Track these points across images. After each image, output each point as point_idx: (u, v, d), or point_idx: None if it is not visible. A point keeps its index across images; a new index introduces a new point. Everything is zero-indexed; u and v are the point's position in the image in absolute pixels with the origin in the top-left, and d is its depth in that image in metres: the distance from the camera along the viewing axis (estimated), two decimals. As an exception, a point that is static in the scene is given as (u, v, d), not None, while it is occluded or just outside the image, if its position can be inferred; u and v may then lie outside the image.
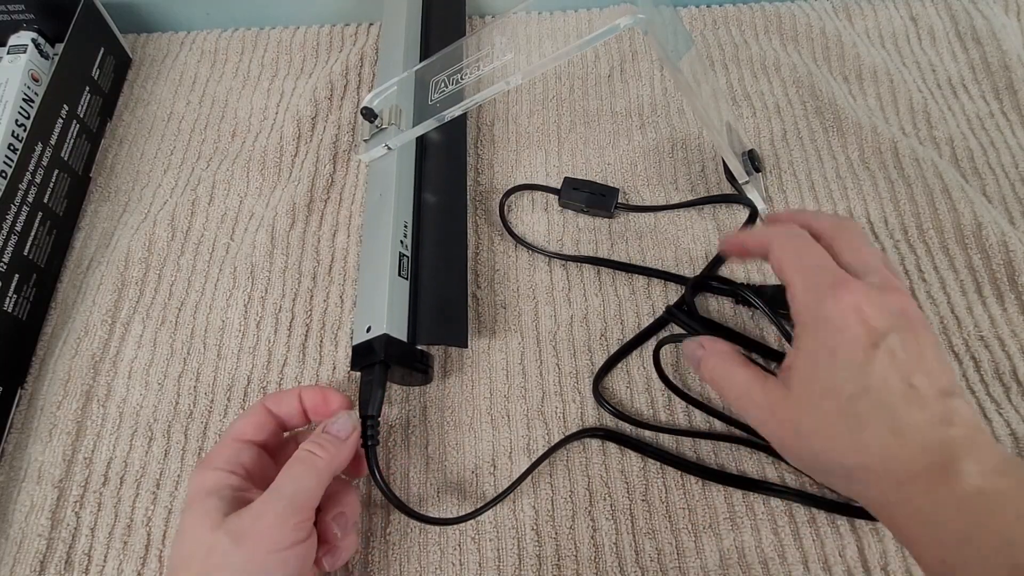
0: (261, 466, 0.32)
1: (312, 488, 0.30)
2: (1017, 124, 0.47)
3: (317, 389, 0.34)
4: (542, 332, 0.41)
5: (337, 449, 0.31)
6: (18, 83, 0.48)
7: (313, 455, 0.30)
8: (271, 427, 0.34)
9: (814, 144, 0.48)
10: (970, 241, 0.42)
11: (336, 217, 0.46)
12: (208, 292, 0.44)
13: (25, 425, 0.40)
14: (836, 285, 0.26)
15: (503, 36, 0.38)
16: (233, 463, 0.31)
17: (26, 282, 0.42)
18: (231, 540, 0.28)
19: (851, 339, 0.26)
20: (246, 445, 0.32)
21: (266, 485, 0.30)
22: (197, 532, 0.29)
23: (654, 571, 0.34)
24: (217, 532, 0.28)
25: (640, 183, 0.46)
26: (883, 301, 0.26)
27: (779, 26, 0.53)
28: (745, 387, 0.29)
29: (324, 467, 0.30)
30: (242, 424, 0.33)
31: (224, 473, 0.31)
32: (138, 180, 0.50)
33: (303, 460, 0.30)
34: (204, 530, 0.28)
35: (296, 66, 0.54)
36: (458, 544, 0.35)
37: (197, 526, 0.29)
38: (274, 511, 0.28)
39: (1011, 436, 0.36)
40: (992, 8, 0.53)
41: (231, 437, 0.32)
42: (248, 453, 0.32)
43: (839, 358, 0.26)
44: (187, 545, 0.29)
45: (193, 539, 0.29)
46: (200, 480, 0.31)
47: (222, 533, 0.28)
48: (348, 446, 0.32)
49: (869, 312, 0.26)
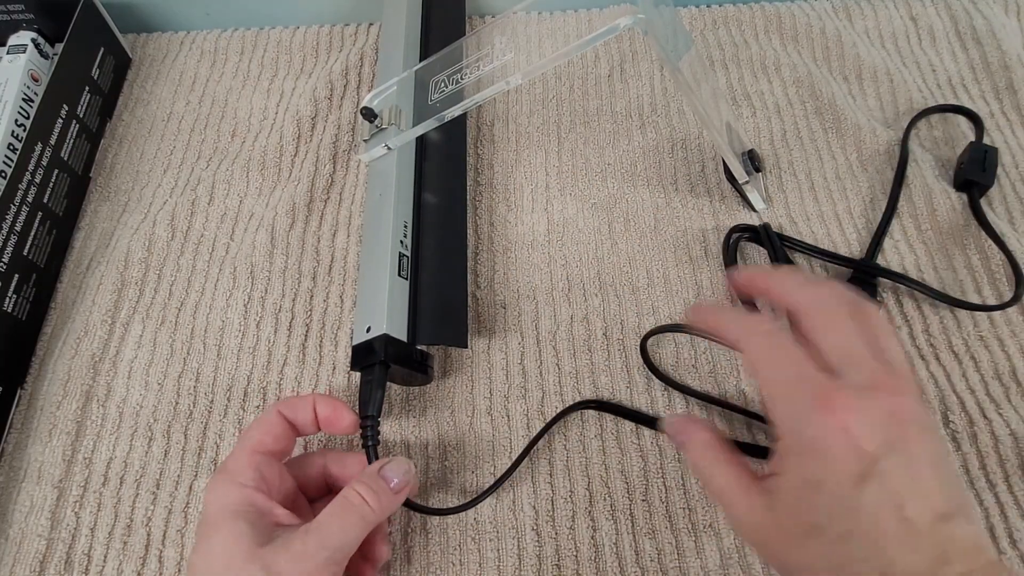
0: (279, 477, 0.32)
1: (357, 539, 0.29)
2: (1017, 124, 0.47)
3: (330, 402, 0.33)
4: (542, 332, 0.41)
5: (390, 502, 0.30)
6: (18, 83, 0.48)
7: (366, 505, 0.29)
8: (283, 434, 0.33)
9: (814, 144, 0.48)
10: (969, 242, 0.42)
11: (336, 217, 0.46)
12: (208, 292, 0.44)
13: (25, 425, 0.40)
14: (818, 403, 0.24)
15: (503, 36, 0.38)
16: (258, 479, 0.30)
17: (26, 282, 0.42)
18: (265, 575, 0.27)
19: (839, 470, 0.23)
20: (266, 457, 0.31)
21: (282, 496, 0.30)
22: (228, 557, 0.28)
23: (654, 571, 0.34)
24: (251, 565, 0.27)
25: (640, 183, 0.46)
26: (872, 413, 0.23)
27: (779, 26, 0.53)
28: (728, 492, 0.26)
29: (372, 520, 0.29)
30: (261, 434, 0.32)
31: (250, 491, 0.30)
32: (138, 180, 0.49)
33: (357, 509, 0.29)
34: (236, 557, 0.27)
35: (296, 66, 0.54)
36: (458, 544, 0.35)
37: (230, 549, 0.28)
38: (315, 560, 0.27)
39: (1011, 436, 0.36)
40: (992, 8, 0.53)
41: (252, 449, 0.31)
42: (269, 466, 0.31)
43: (826, 492, 0.23)
44: (217, 564, 0.28)
45: (223, 562, 0.28)
46: (224, 495, 0.30)
47: (257, 568, 0.27)
48: (399, 500, 0.31)
49: (858, 431, 0.23)
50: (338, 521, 0.29)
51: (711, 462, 0.27)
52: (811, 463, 0.24)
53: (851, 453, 0.23)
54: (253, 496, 0.29)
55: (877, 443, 0.23)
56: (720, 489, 0.26)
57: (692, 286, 0.42)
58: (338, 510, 0.29)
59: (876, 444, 0.23)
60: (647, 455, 0.37)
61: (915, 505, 0.23)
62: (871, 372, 0.24)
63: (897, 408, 0.24)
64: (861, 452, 0.23)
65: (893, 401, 0.24)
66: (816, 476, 0.23)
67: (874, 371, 0.24)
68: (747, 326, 0.27)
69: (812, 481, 0.24)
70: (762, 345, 0.26)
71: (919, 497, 0.23)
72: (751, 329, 0.27)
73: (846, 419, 0.23)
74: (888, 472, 0.23)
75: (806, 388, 0.24)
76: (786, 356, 0.26)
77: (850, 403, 0.23)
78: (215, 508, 0.29)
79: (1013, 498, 0.35)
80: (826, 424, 0.23)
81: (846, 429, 0.23)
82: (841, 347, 0.25)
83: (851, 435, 0.23)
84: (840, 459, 0.23)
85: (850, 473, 0.23)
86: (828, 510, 0.23)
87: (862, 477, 0.23)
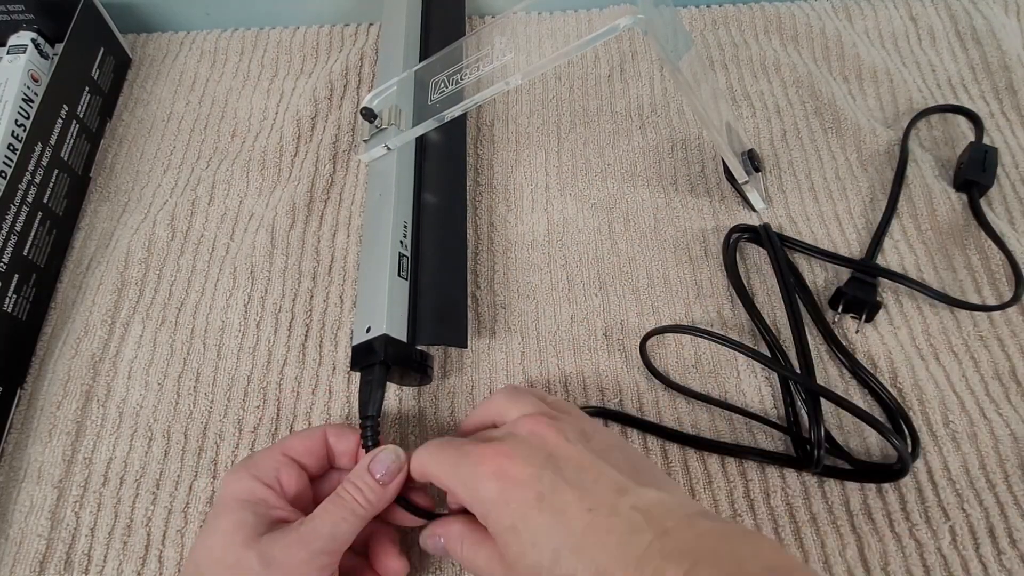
0: (300, 487, 0.32)
1: (348, 533, 0.30)
2: (1017, 124, 0.47)
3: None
4: (542, 332, 0.41)
5: (378, 498, 0.31)
6: (18, 83, 0.48)
7: (355, 501, 0.30)
8: (321, 454, 0.33)
9: (814, 144, 0.48)
10: (969, 242, 0.42)
11: (336, 217, 0.46)
12: (208, 292, 0.44)
13: (25, 425, 0.40)
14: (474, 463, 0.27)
15: (503, 36, 0.38)
16: (272, 477, 0.31)
17: (26, 282, 0.42)
18: (261, 564, 0.28)
19: (518, 508, 0.26)
20: (290, 462, 0.32)
21: (300, 508, 0.30)
22: (227, 542, 0.29)
23: (654, 571, 0.34)
24: (249, 551, 0.28)
25: (640, 183, 0.46)
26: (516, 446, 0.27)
27: (779, 26, 0.53)
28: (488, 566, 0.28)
29: (363, 515, 0.30)
30: (294, 441, 0.33)
31: (261, 485, 0.31)
32: (138, 180, 0.49)
33: (345, 504, 0.30)
34: (235, 543, 0.28)
35: (296, 66, 0.54)
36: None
37: (229, 535, 0.29)
38: (308, 548, 0.29)
39: (1011, 436, 0.36)
40: (992, 8, 0.53)
41: (279, 450, 0.32)
42: (290, 471, 0.32)
43: (521, 533, 0.25)
44: (215, 551, 0.29)
45: (221, 547, 0.29)
46: (236, 484, 0.31)
47: (254, 554, 0.28)
48: (389, 493, 0.31)
49: (512, 465, 0.26)
50: (330, 515, 0.30)
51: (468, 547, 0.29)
52: (499, 516, 0.26)
53: (517, 488, 0.26)
54: (264, 492, 0.31)
55: (533, 465, 0.26)
56: (481, 568, 0.28)
57: (692, 286, 0.42)
58: (330, 505, 0.30)
59: (532, 466, 0.26)
60: (647, 455, 0.37)
61: (590, 495, 0.25)
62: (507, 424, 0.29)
63: (536, 430, 0.28)
64: (523, 481, 0.26)
65: (530, 427, 0.28)
66: (507, 523, 0.26)
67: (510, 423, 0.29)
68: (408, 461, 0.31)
69: (508, 528, 0.26)
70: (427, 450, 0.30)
71: (590, 487, 0.26)
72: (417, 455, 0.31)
73: (498, 462, 0.27)
74: (553, 482, 0.26)
75: (465, 459, 0.28)
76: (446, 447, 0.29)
77: (494, 449, 0.27)
78: (226, 494, 0.31)
79: (1013, 498, 0.35)
80: (486, 476, 0.27)
81: (502, 470, 0.26)
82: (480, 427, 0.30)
83: (508, 472, 0.26)
84: (514, 497, 0.26)
85: (528, 502, 0.25)
86: (533, 545, 0.25)
87: (539, 499, 0.25)
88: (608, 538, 0.24)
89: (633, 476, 0.27)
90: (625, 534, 0.24)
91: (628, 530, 0.24)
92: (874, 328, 0.40)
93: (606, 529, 0.25)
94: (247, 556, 0.28)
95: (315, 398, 0.40)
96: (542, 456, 0.27)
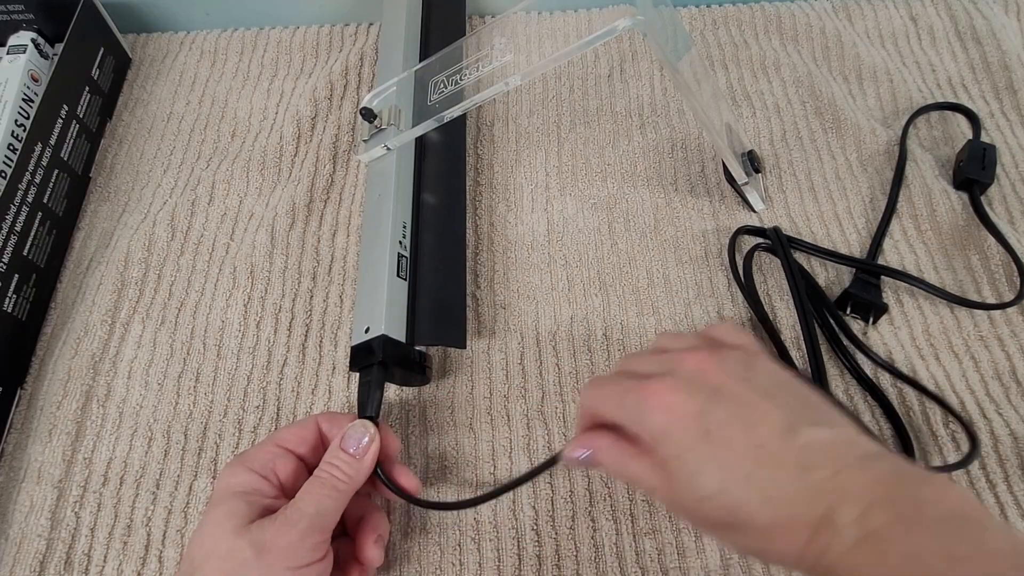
0: (296, 478, 0.32)
1: (333, 509, 0.30)
2: (1017, 124, 0.47)
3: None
4: (542, 332, 0.41)
5: (355, 471, 0.31)
6: (18, 83, 0.48)
7: (334, 477, 0.31)
8: (315, 443, 0.34)
9: (814, 144, 0.48)
10: (969, 242, 0.42)
11: (336, 217, 0.46)
12: (208, 292, 0.44)
13: (25, 425, 0.40)
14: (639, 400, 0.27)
15: (503, 36, 0.38)
16: (267, 468, 0.31)
17: (26, 282, 0.42)
18: (253, 551, 0.28)
19: (685, 439, 0.26)
20: (285, 453, 0.32)
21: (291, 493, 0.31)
22: (219, 531, 0.29)
23: (654, 571, 0.34)
24: (240, 539, 0.28)
25: (640, 183, 0.46)
26: (679, 383, 0.26)
27: (779, 26, 0.53)
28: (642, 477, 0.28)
29: (345, 488, 0.31)
30: (287, 432, 0.33)
31: (256, 476, 0.31)
32: (138, 180, 0.50)
33: (324, 481, 0.30)
34: (226, 532, 0.29)
35: (296, 66, 0.54)
36: (458, 544, 0.35)
37: (220, 525, 0.29)
38: (296, 528, 0.29)
39: (1011, 436, 0.36)
40: (992, 8, 0.53)
41: (273, 442, 0.33)
42: (285, 462, 0.32)
43: (688, 462, 0.25)
44: (208, 541, 0.29)
45: (214, 537, 0.29)
46: (231, 477, 0.31)
47: (245, 542, 0.28)
48: (366, 464, 0.32)
49: (679, 400, 0.26)
50: (312, 495, 0.30)
51: (626, 460, 0.28)
52: (666, 446, 0.26)
53: (684, 420, 0.26)
54: (258, 482, 0.31)
55: (699, 401, 0.26)
56: (640, 481, 0.28)
57: (692, 286, 0.42)
58: (311, 486, 0.30)
59: (698, 402, 0.26)
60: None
61: (759, 431, 0.25)
62: (670, 359, 0.28)
63: (700, 367, 0.27)
64: (690, 414, 0.26)
65: (694, 363, 0.27)
66: (674, 453, 0.26)
67: (672, 358, 0.28)
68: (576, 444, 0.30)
69: (675, 457, 0.26)
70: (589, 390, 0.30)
71: (758, 424, 0.25)
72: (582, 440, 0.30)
73: (665, 397, 0.26)
74: (721, 418, 0.25)
75: (631, 394, 0.28)
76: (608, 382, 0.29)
77: (660, 385, 0.27)
78: (220, 487, 0.31)
79: (1013, 498, 0.35)
80: (654, 410, 0.26)
81: (669, 404, 0.26)
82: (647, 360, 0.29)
83: (675, 407, 0.26)
84: (680, 430, 0.26)
85: (695, 435, 0.25)
86: (699, 473, 0.25)
87: (706, 433, 0.25)
88: (778, 472, 0.24)
89: (803, 414, 0.26)
90: (796, 470, 0.24)
91: (799, 466, 0.24)
92: (875, 328, 0.40)
93: (776, 464, 0.24)
94: (238, 544, 0.28)
95: (315, 398, 0.40)
96: (707, 391, 0.26)
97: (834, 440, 0.25)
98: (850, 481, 0.23)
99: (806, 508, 0.23)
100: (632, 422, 0.27)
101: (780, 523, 0.24)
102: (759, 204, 0.44)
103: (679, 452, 0.26)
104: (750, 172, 0.42)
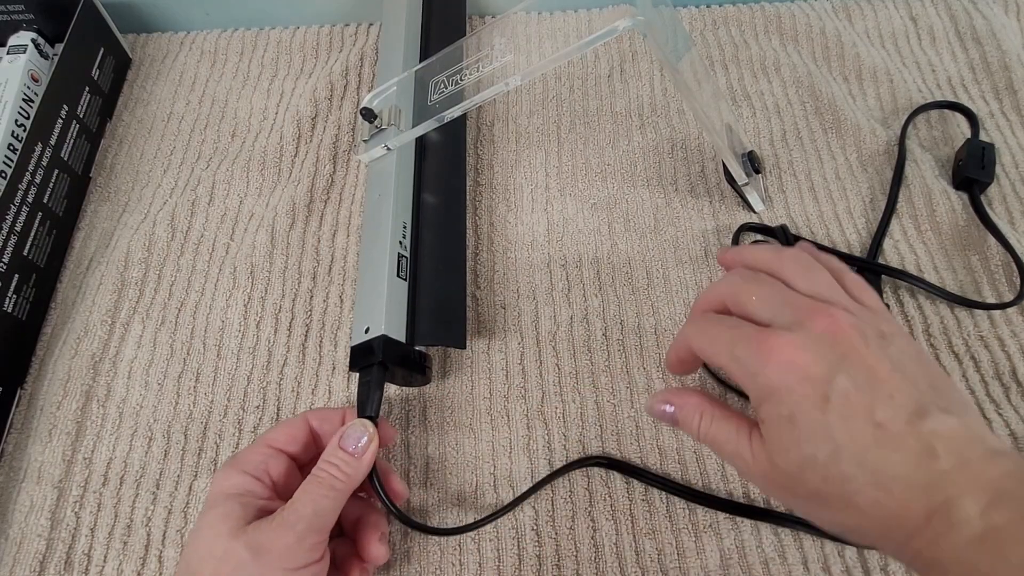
0: (289, 477, 0.32)
1: (331, 509, 0.30)
2: (1017, 124, 0.47)
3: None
4: (542, 332, 0.41)
5: (354, 470, 0.31)
6: (18, 83, 0.48)
7: (332, 477, 0.30)
8: (306, 441, 0.34)
9: (814, 144, 0.48)
10: (968, 242, 0.42)
11: (336, 217, 0.46)
12: (208, 292, 0.44)
13: (25, 425, 0.40)
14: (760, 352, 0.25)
15: (503, 37, 0.38)
16: (260, 470, 0.31)
17: (26, 282, 0.42)
18: (249, 552, 0.28)
19: (801, 401, 0.24)
20: (277, 453, 0.32)
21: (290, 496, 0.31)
22: (214, 534, 0.29)
23: (654, 571, 0.34)
24: (236, 541, 0.28)
25: (640, 183, 0.46)
26: (808, 341, 0.25)
27: (779, 26, 0.53)
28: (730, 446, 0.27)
29: (343, 488, 0.30)
30: (276, 432, 0.33)
31: (249, 478, 0.31)
32: (138, 180, 0.50)
33: (322, 481, 0.30)
34: (222, 535, 0.29)
35: (296, 66, 0.54)
36: (458, 544, 0.35)
37: (215, 528, 0.29)
38: (294, 530, 0.29)
39: (1011, 436, 0.36)
40: (992, 8, 0.53)
41: (266, 443, 0.33)
42: (277, 462, 0.32)
43: (799, 425, 0.24)
44: (203, 545, 0.29)
45: (209, 541, 0.29)
46: (224, 480, 0.31)
47: (241, 544, 0.28)
48: (364, 464, 0.31)
49: (802, 361, 0.25)
50: (310, 495, 0.30)
51: (709, 421, 0.28)
52: (777, 404, 0.25)
53: (805, 383, 0.24)
54: (252, 484, 0.31)
55: (825, 365, 0.24)
56: (723, 445, 0.27)
57: (692, 286, 0.42)
58: (309, 486, 0.30)
59: (824, 366, 0.24)
60: (647, 456, 0.37)
61: (884, 410, 0.24)
62: (795, 309, 0.26)
63: (831, 329, 0.25)
64: (813, 378, 0.24)
65: (826, 324, 0.25)
66: (785, 412, 0.25)
67: (798, 308, 0.26)
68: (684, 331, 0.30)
69: (785, 418, 0.25)
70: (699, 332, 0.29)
71: (884, 401, 0.24)
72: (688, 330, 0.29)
73: (787, 355, 0.25)
74: (845, 387, 0.24)
75: (745, 341, 0.26)
76: (716, 326, 0.28)
77: (784, 341, 0.25)
78: (214, 490, 0.31)
79: (1013, 498, 0.35)
80: (773, 366, 0.25)
81: (791, 363, 0.25)
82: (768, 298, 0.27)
83: (798, 367, 0.25)
84: (798, 391, 0.24)
85: (812, 399, 0.24)
86: (809, 439, 0.24)
87: (824, 399, 0.24)
88: (895, 455, 0.23)
89: (932, 396, 0.24)
90: (916, 456, 0.23)
91: (921, 453, 0.23)
92: (874, 328, 0.40)
93: (895, 446, 0.23)
94: (235, 546, 0.28)
95: (315, 398, 0.40)
96: (836, 356, 0.25)
97: (961, 431, 0.24)
98: (975, 475, 0.22)
99: (923, 496, 0.22)
100: (741, 373, 0.26)
101: (888, 507, 0.23)
102: (759, 204, 0.44)
103: (792, 413, 0.24)
104: (750, 172, 0.42)
